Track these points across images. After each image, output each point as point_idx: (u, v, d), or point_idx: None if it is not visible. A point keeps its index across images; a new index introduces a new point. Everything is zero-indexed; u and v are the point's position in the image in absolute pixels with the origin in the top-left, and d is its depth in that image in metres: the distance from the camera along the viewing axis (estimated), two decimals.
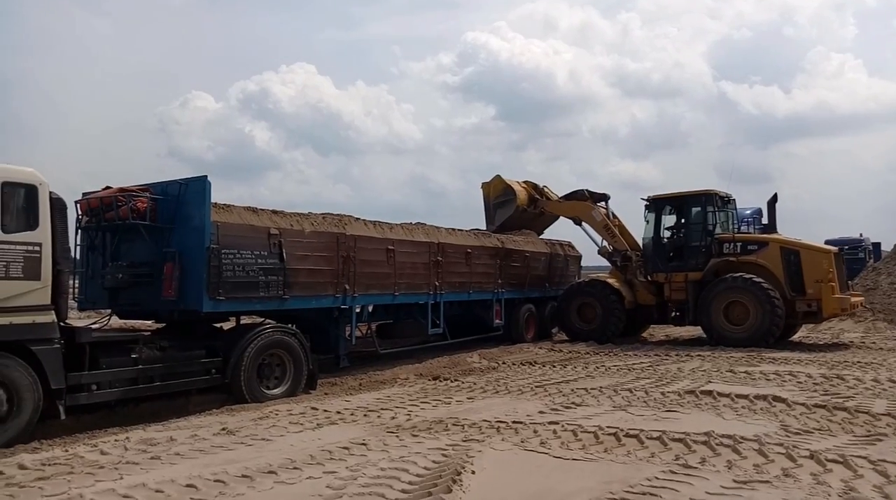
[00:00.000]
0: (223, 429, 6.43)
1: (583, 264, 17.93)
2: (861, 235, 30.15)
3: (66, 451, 5.71)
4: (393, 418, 6.89)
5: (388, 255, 10.77)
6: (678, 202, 14.53)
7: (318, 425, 6.63)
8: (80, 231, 8.59)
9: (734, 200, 14.51)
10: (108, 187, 8.44)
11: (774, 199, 13.88)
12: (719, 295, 13.00)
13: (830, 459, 5.00)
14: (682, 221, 14.50)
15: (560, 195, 16.41)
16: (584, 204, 15.61)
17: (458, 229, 13.39)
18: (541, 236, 16.39)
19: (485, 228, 16.15)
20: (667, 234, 14.59)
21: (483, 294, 13.48)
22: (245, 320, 9.52)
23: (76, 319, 9.14)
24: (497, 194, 16.08)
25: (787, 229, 14.22)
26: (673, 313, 14.21)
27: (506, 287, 14.00)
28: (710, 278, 13.47)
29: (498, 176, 16.24)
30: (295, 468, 5.06)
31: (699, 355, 11.63)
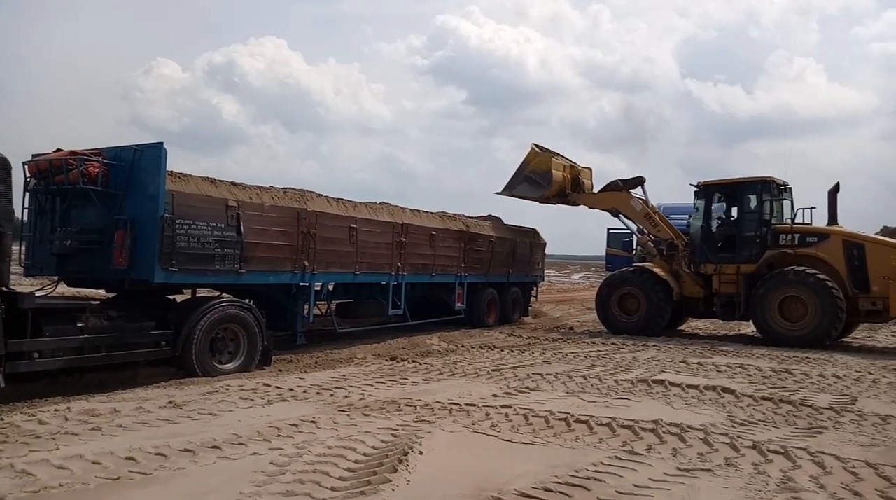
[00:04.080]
0: (170, 402, 6.29)
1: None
2: None
3: (2, 420, 5.52)
4: (346, 397, 6.82)
5: (350, 233, 10.63)
6: (731, 189, 13.59)
7: (268, 401, 6.53)
8: (27, 194, 8.25)
9: (791, 188, 13.49)
10: (58, 150, 8.11)
11: (836, 188, 12.81)
12: (774, 289, 12.18)
13: (772, 450, 5.09)
14: (736, 209, 13.61)
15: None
16: (621, 194, 14.82)
17: (424, 211, 13.29)
18: (506, 223, 16.30)
19: (502, 189, 15.79)
20: (717, 223, 13.70)
21: (446, 277, 13.45)
22: (201, 293, 9.33)
23: (22, 285, 8.83)
24: (536, 170, 15.34)
25: None
26: (717, 308, 13.26)
27: (469, 271, 13.99)
28: (765, 271, 12.65)
29: (549, 155, 15.41)
30: (240, 444, 4.96)
31: (655, 346, 11.80)
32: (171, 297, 8.95)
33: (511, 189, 15.78)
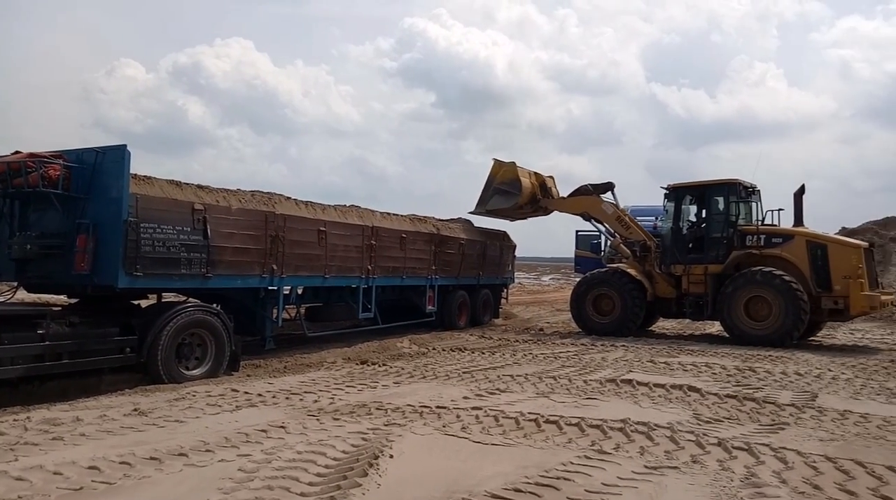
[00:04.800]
0: (135, 410, 6.16)
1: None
2: None
3: None
4: (316, 401, 6.77)
5: (319, 236, 10.55)
6: (699, 191, 13.87)
7: (237, 407, 6.44)
8: None
9: (759, 190, 13.77)
10: (17, 152, 7.90)
11: (802, 190, 13.08)
12: (740, 289, 12.46)
13: (736, 446, 5.20)
14: (704, 211, 13.87)
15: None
16: (592, 198, 14.98)
17: (394, 214, 13.26)
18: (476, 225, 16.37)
19: (474, 207, 15.90)
20: (687, 224, 13.97)
21: (417, 280, 13.43)
22: (167, 297, 9.16)
23: None
24: (504, 181, 15.52)
25: None
26: (686, 308, 13.48)
27: (440, 274, 14.00)
28: (731, 272, 12.93)
29: (513, 163, 15.60)
30: (207, 451, 4.89)
31: (623, 346, 11.95)
32: (136, 302, 8.78)
33: (484, 205, 15.93)
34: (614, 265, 14.76)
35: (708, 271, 13.22)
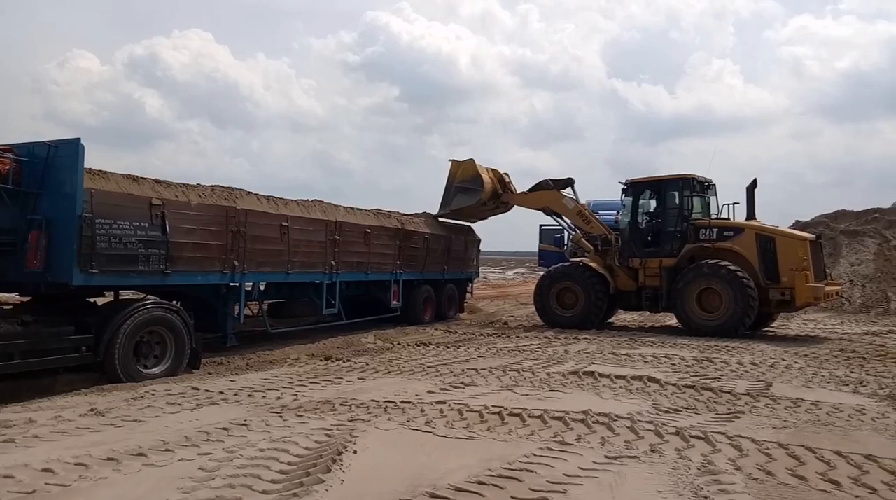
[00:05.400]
0: (91, 410, 6.01)
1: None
2: None
3: None
4: (279, 398, 6.70)
5: (281, 231, 10.43)
6: (656, 186, 14.11)
7: (197, 405, 6.34)
8: None
9: (714, 185, 14.05)
10: None
11: (754, 184, 13.40)
12: (692, 282, 12.75)
13: (694, 435, 5.34)
14: (659, 205, 14.13)
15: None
16: (553, 193, 15.11)
17: (358, 209, 13.19)
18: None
19: (438, 210, 15.97)
20: (644, 219, 14.23)
21: (381, 275, 13.40)
22: (125, 295, 8.96)
23: None
24: (464, 179, 15.60)
25: None
26: (644, 300, 13.82)
27: (404, 268, 13.99)
28: (685, 265, 13.20)
29: (471, 160, 15.69)
30: (167, 450, 4.80)
31: (586, 338, 12.12)
32: (92, 300, 8.57)
33: (447, 206, 16.01)
34: (577, 259, 14.96)
35: (662, 264, 13.53)
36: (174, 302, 8.72)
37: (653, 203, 14.36)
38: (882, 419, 6.08)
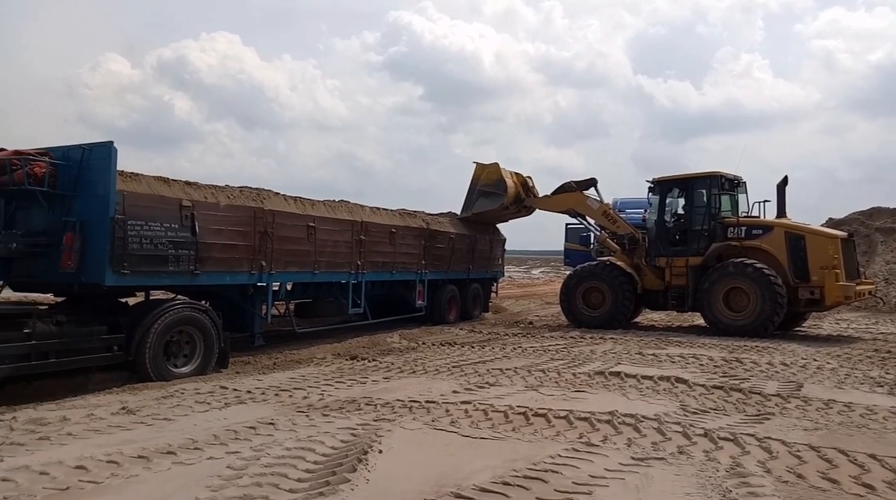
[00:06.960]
0: (123, 408, 6.14)
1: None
2: None
3: None
4: (305, 397, 6.77)
5: (308, 232, 10.53)
6: (683, 184, 13.97)
7: (225, 404, 6.44)
8: None
9: (744, 182, 13.82)
10: (2, 149, 7.82)
11: (784, 182, 13.19)
12: (718, 281, 12.60)
13: (722, 437, 5.26)
14: (687, 203, 13.97)
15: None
16: (576, 195, 15.04)
17: (383, 209, 13.25)
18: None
19: (460, 212, 15.97)
20: (671, 217, 14.05)
21: (406, 275, 13.43)
22: (155, 295, 9.12)
23: None
24: (488, 183, 15.61)
25: None
26: (670, 300, 13.68)
27: (429, 268, 14.01)
28: (712, 264, 13.03)
29: (496, 164, 15.74)
30: (196, 449, 4.89)
31: (612, 338, 12.02)
32: (124, 300, 8.74)
33: (470, 209, 15.99)
34: (604, 258, 14.85)
35: (689, 263, 13.36)
36: (203, 302, 8.86)
37: (680, 201, 14.20)
38: None
